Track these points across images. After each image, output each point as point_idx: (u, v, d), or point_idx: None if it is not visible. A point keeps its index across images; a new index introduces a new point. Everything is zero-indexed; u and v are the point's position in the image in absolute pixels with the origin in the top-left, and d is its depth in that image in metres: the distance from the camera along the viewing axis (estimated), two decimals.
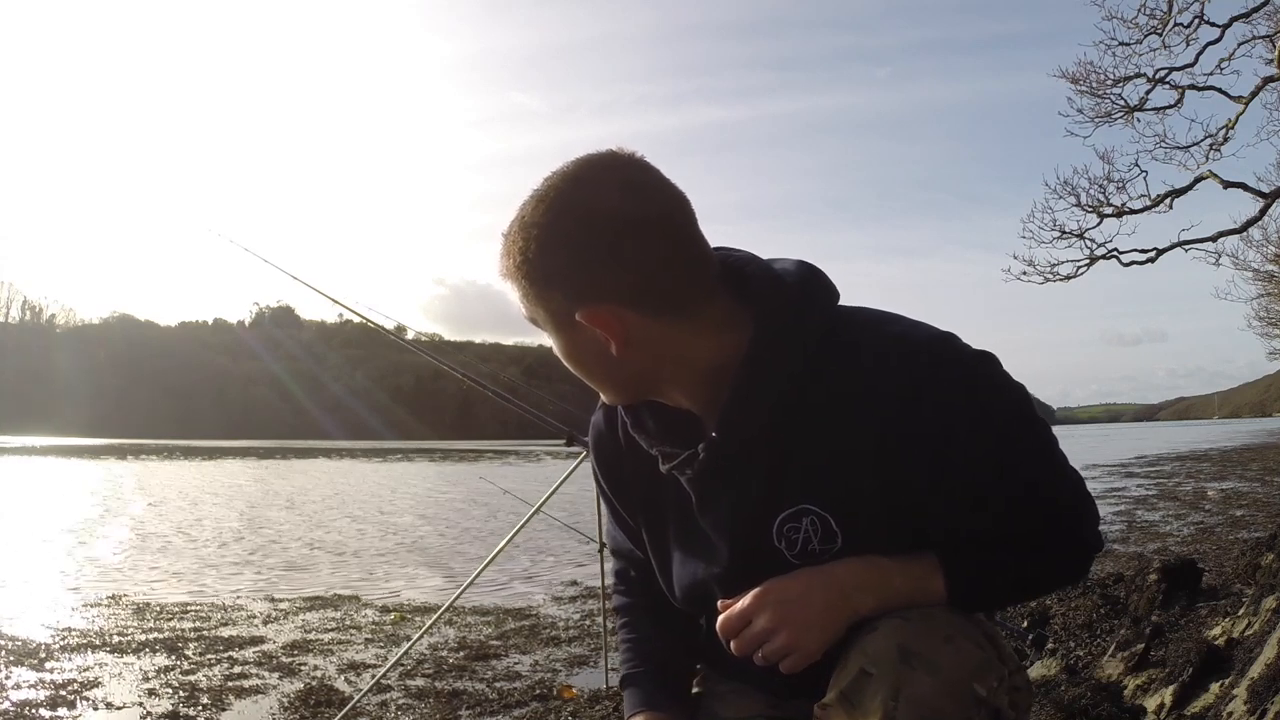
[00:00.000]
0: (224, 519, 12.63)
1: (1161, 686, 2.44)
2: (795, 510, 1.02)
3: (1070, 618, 3.62)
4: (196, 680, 4.01)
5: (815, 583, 0.98)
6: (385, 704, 3.65)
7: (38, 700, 3.65)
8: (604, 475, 1.22)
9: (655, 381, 1.04)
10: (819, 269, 1.06)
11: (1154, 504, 11.70)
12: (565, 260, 0.96)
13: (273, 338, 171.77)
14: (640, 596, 1.27)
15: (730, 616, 1.00)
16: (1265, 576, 2.85)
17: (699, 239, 1.00)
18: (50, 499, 16.28)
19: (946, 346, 1.00)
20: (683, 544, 1.13)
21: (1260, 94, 10.37)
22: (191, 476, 24.78)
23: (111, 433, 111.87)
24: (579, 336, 1.00)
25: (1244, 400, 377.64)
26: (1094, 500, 1.05)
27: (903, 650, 0.92)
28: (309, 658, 4.52)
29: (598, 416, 1.21)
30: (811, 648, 0.96)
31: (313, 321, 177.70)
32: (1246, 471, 17.71)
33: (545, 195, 0.97)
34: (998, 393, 1.00)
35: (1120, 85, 11.00)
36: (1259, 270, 17.30)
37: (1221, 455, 25.62)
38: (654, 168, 0.99)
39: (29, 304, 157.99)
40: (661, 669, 1.22)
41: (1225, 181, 10.56)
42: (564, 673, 4.21)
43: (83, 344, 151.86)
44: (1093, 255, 11.50)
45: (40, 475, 24.67)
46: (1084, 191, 11.35)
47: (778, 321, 0.99)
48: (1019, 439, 1.01)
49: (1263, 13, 9.82)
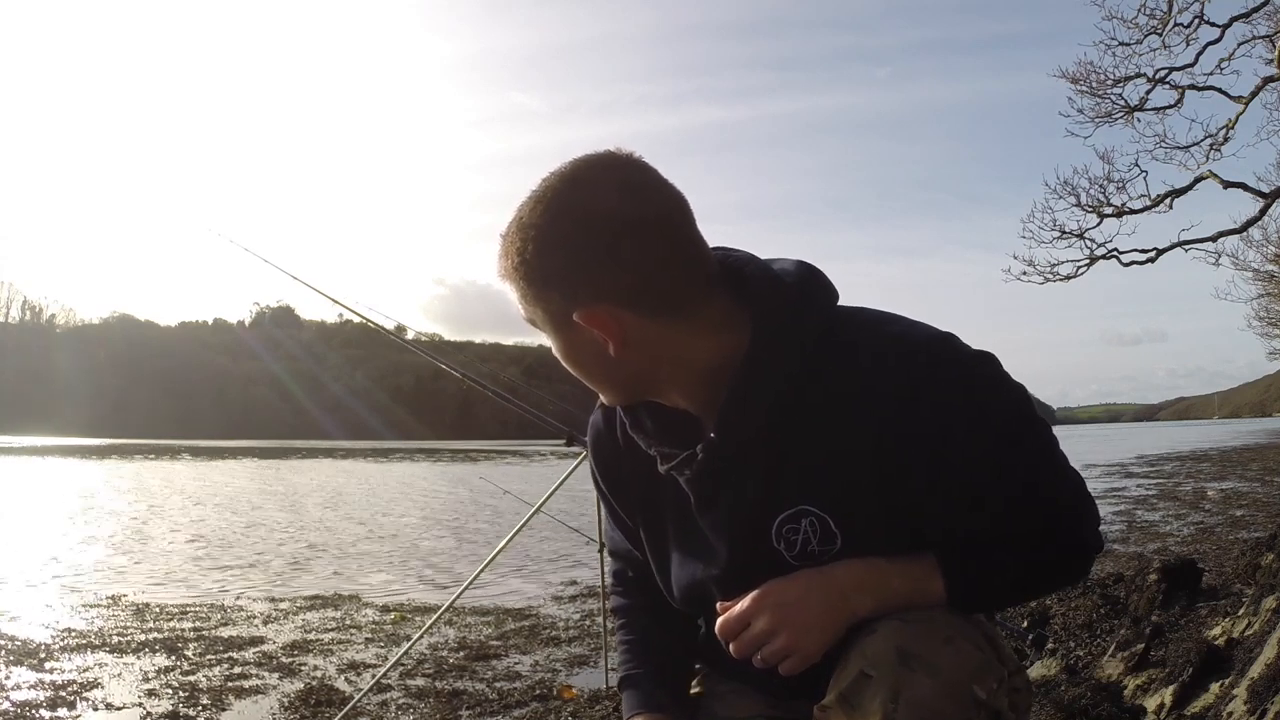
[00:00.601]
0: (224, 519, 12.63)
1: (1161, 686, 2.44)
2: (794, 511, 1.02)
3: (1070, 618, 3.61)
4: (196, 680, 4.01)
5: (814, 585, 0.98)
6: (385, 704, 3.65)
7: (38, 700, 3.65)
8: (603, 475, 1.22)
9: (653, 382, 1.04)
10: (818, 269, 1.06)
11: (1154, 504, 11.70)
12: (563, 261, 0.96)
13: (273, 338, 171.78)
14: (639, 597, 1.27)
15: (729, 618, 1.00)
16: (1265, 576, 2.85)
17: (697, 239, 1.00)
18: (50, 499, 16.27)
19: (945, 347, 1.00)
20: (682, 545, 1.13)
21: (1260, 94, 10.38)
22: (191, 477, 24.78)
23: (111, 433, 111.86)
24: (577, 337, 1.00)
25: (1244, 400, 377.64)
26: (1094, 501, 1.05)
27: (902, 652, 0.92)
28: (309, 658, 4.51)
29: (596, 417, 1.21)
30: (811, 650, 0.96)
31: (313, 321, 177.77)
32: (1246, 471, 17.71)
33: (543, 196, 0.97)
34: (997, 393, 1.00)
35: (1120, 85, 11.01)
36: (1259, 270, 17.32)
37: (1221, 455, 25.62)
38: (652, 168, 0.99)
39: (29, 304, 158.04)
40: (660, 670, 1.22)
41: (1225, 181, 10.56)
42: (564, 673, 4.21)
43: (83, 344, 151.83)
44: (1093, 255, 11.50)
45: (40, 476, 24.66)
46: (1084, 191, 11.36)
47: (775, 322, 0.99)
48: (1018, 439, 1.00)
49: (1263, 13, 9.83)
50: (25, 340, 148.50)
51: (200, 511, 13.82)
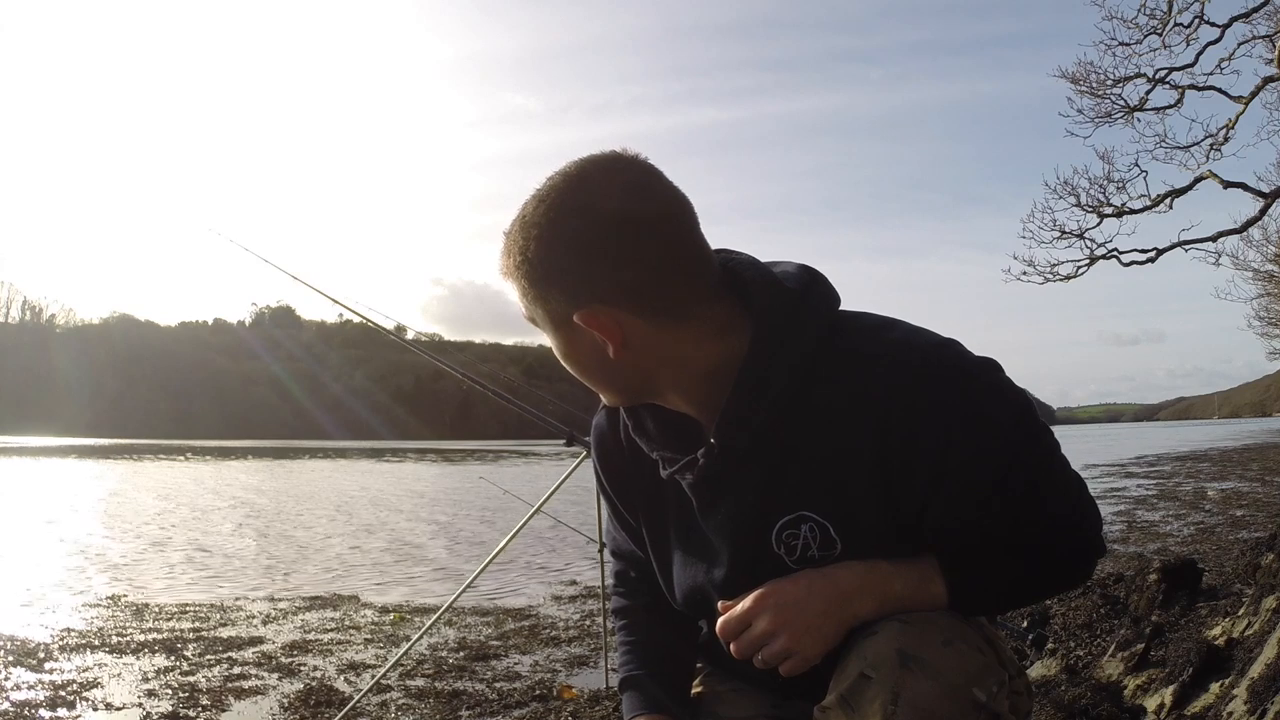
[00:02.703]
0: (223, 519, 12.62)
1: (1161, 686, 2.43)
2: (794, 517, 1.02)
3: (1070, 618, 3.61)
4: (196, 681, 4.00)
5: (815, 586, 0.98)
6: (385, 704, 3.65)
7: (37, 700, 3.65)
8: (605, 476, 1.22)
9: (653, 384, 1.03)
10: (820, 273, 1.05)
11: (1154, 504, 11.69)
12: (565, 260, 0.96)
13: (273, 338, 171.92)
14: (640, 597, 1.27)
15: (730, 619, 1.00)
16: (1265, 576, 2.84)
17: (700, 242, 0.99)
18: (49, 500, 16.27)
19: (947, 353, 0.99)
20: (684, 547, 1.13)
21: (1260, 94, 10.37)
22: (191, 477, 24.78)
23: (111, 433, 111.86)
24: (577, 337, 1.00)
25: (1244, 400, 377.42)
26: (1096, 504, 1.05)
27: (902, 654, 0.92)
28: (309, 658, 4.51)
29: (600, 418, 1.21)
30: (811, 651, 0.96)
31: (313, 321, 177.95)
32: (1246, 471, 17.71)
33: (547, 195, 0.97)
34: (998, 400, 0.99)
35: (1120, 85, 11.00)
36: (1259, 270, 17.35)
37: (1221, 455, 25.61)
38: (657, 170, 0.99)
39: (29, 304, 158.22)
40: (661, 671, 1.22)
41: (1225, 181, 10.55)
42: (564, 673, 4.20)
43: (83, 344, 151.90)
44: (1093, 255, 11.49)
45: (40, 476, 24.66)
46: (1084, 191, 11.35)
47: (776, 326, 0.99)
48: (1019, 445, 1.00)
49: (1263, 13, 9.82)
50: (25, 340, 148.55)
51: (199, 512, 13.82)
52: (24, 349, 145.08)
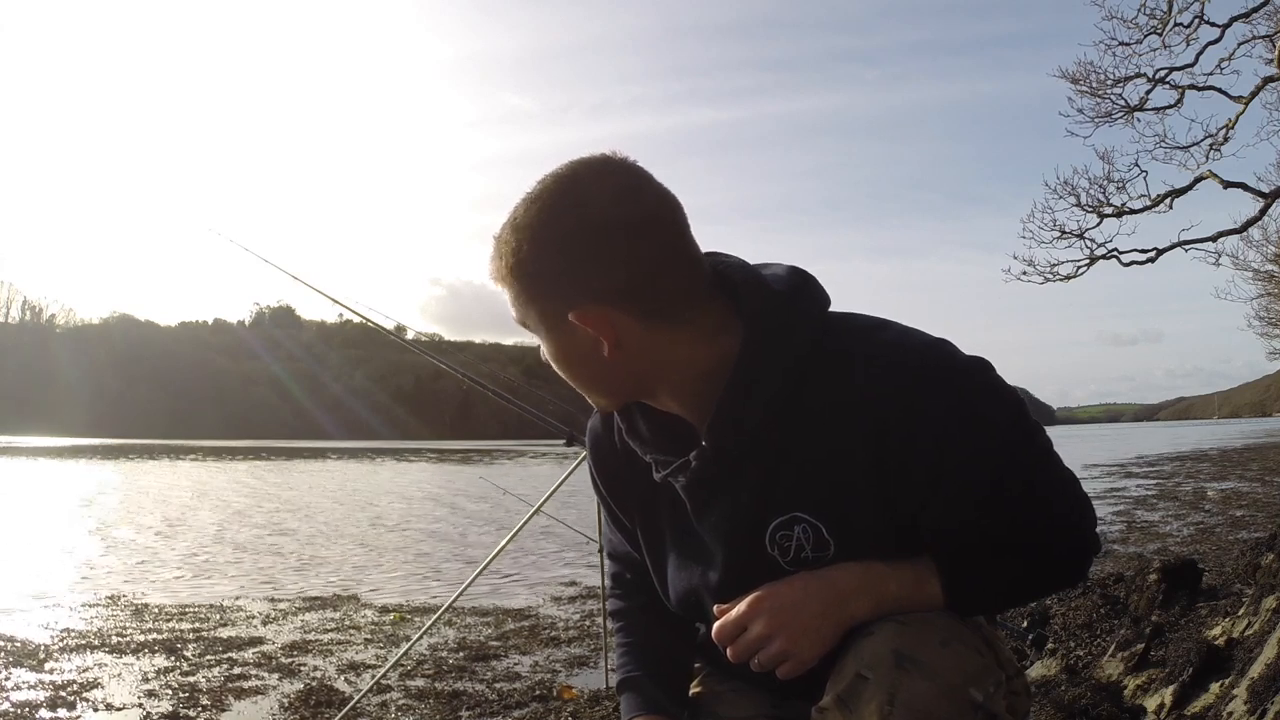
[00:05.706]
0: (223, 519, 12.62)
1: (1161, 686, 2.43)
2: (787, 518, 1.02)
3: (1070, 618, 3.61)
4: (196, 681, 4.00)
5: (811, 588, 0.98)
6: (385, 704, 3.65)
7: (38, 701, 3.65)
8: (601, 479, 1.22)
9: (645, 385, 1.03)
10: (810, 275, 1.05)
11: (1154, 504, 11.70)
12: (557, 262, 0.96)
13: (273, 338, 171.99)
14: (638, 599, 1.27)
15: (726, 622, 1.00)
16: (1265, 576, 2.84)
17: (691, 245, 0.99)
18: (49, 500, 16.27)
19: (939, 353, 0.99)
20: (679, 549, 1.13)
21: (1260, 94, 10.35)
22: (190, 477, 24.78)
23: (111, 432, 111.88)
24: (570, 338, 0.99)
25: (1244, 400, 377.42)
26: (1091, 502, 1.04)
27: (898, 655, 0.92)
28: (309, 658, 4.51)
29: (594, 420, 1.21)
30: (808, 653, 0.96)
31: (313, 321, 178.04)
32: (1246, 471, 17.71)
33: (538, 197, 0.97)
34: (991, 399, 1.00)
35: (1120, 85, 10.98)
36: (1259, 270, 17.33)
37: (1221, 455, 25.62)
38: (647, 172, 0.99)
39: (29, 304, 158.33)
40: (659, 672, 1.22)
41: (1225, 181, 10.54)
42: (564, 673, 4.20)
43: (83, 344, 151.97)
44: (1093, 255, 11.48)
45: (39, 476, 24.66)
46: (1084, 192, 11.33)
47: (767, 329, 0.99)
48: (1016, 444, 1.00)
49: (1263, 13, 9.80)
50: (25, 340, 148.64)
51: (199, 511, 13.82)
52: (24, 349, 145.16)
